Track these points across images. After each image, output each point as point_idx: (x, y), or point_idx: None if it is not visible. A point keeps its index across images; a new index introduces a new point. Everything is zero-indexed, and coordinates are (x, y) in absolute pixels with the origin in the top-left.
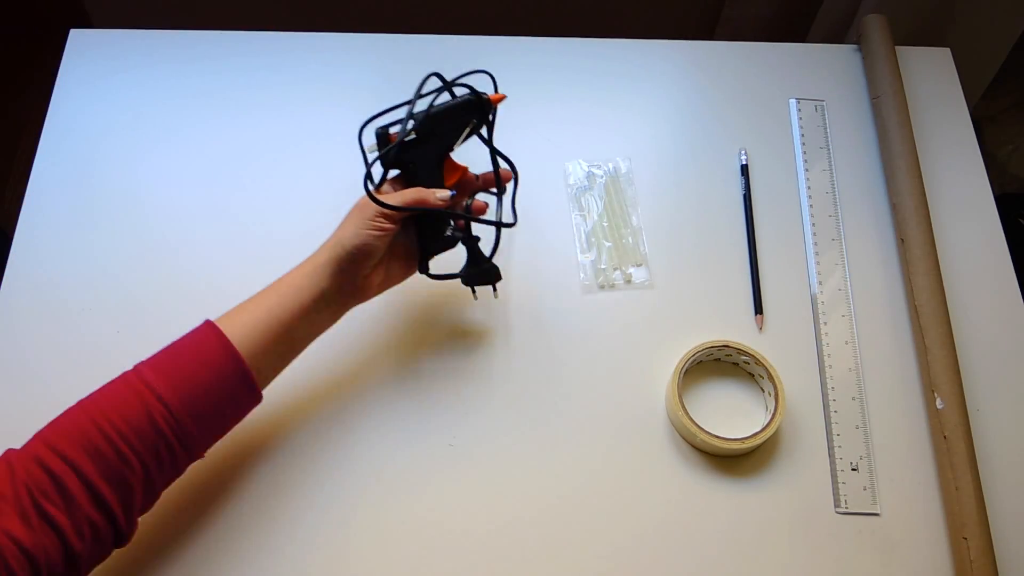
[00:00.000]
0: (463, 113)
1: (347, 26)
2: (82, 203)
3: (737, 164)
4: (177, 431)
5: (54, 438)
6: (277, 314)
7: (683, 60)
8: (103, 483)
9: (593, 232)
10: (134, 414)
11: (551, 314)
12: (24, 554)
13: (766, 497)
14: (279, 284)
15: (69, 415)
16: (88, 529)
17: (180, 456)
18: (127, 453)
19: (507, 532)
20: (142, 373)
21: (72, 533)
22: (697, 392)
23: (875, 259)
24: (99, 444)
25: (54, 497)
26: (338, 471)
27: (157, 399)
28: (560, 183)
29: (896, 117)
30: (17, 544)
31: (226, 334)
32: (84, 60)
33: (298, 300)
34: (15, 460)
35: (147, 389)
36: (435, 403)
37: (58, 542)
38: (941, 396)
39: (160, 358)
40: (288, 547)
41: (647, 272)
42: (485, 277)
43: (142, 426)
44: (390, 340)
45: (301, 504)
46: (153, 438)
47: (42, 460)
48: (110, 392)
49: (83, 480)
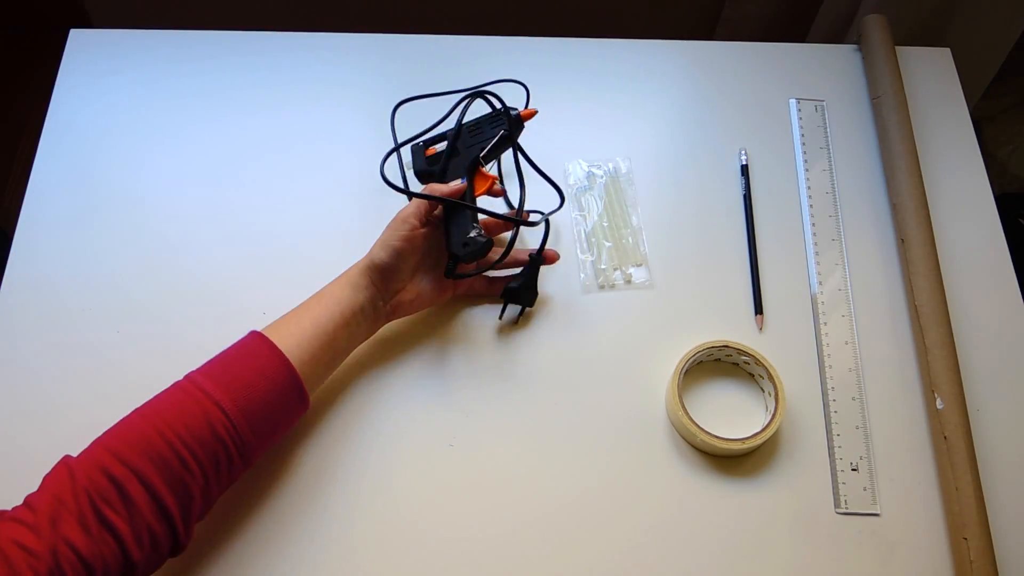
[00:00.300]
0: (492, 126)
1: (347, 26)
2: (82, 203)
3: (737, 164)
4: (236, 439)
5: (116, 445)
6: (323, 324)
7: (683, 60)
8: (166, 490)
9: (593, 232)
10: (195, 422)
11: (551, 314)
12: (81, 562)
13: (766, 497)
14: (321, 296)
15: (129, 423)
16: (148, 537)
17: (237, 464)
18: (189, 461)
19: (507, 532)
20: (198, 382)
21: (132, 541)
22: (697, 392)
23: (875, 259)
24: (162, 451)
25: (116, 504)
26: (338, 472)
27: (217, 407)
28: (560, 183)
29: (896, 117)
30: (75, 551)
31: (276, 343)
32: (84, 60)
33: (339, 311)
34: (76, 467)
35: (206, 398)
36: (435, 403)
37: (118, 550)
38: (941, 396)
39: (213, 368)
40: (288, 548)
41: (647, 272)
42: (523, 299)
43: (204, 434)
44: (390, 341)
45: (300, 504)
46: (214, 446)
47: (105, 466)
48: (168, 401)
49: (146, 487)
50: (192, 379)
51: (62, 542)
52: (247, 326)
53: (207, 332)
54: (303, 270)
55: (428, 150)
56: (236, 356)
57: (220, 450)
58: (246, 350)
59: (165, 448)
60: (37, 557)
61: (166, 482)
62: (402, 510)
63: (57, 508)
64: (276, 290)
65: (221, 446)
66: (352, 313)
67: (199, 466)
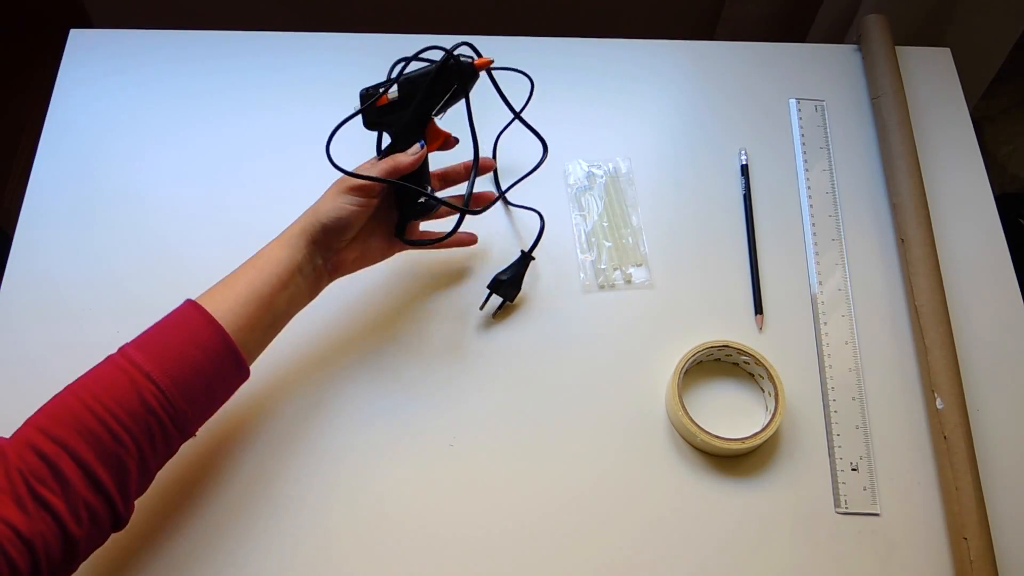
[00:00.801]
0: (445, 77)
1: (347, 26)
2: (82, 203)
3: (737, 164)
4: (169, 409)
5: (45, 422)
6: (257, 288)
7: (683, 60)
8: (98, 464)
9: (593, 232)
10: (124, 394)
11: (551, 314)
12: (22, 540)
13: (766, 497)
14: (256, 259)
15: (58, 400)
16: (85, 512)
17: (173, 435)
18: (120, 433)
19: (507, 532)
20: (128, 354)
21: (69, 517)
22: (697, 392)
23: (875, 259)
24: (92, 425)
25: (49, 481)
26: (337, 472)
27: (146, 378)
28: (560, 183)
29: (896, 117)
30: (14, 530)
31: (209, 311)
32: (84, 60)
33: (276, 272)
34: (6, 447)
35: (135, 369)
36: (435, 404)
37: (56, 527)
38: (941, 396)
39: (145, 339)
40: (286, 548)
41: (647, 272)
42: (507, 292)
43: (133, 406)
44: (389, 341)
45: (300, 504)
46: (145, 417)
47: (35, 444)
48: (98, 375)
49: (78, 462)
50: (123, 352)
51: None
52: None
53: None
54: None
55: (381, 99)
56: (168, 326)
57: (153, 421)
58: (179, 319)
59: (94, 422)
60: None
61: (98, 456)
62: (402, 510)
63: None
64: None
65: (154, 417)
66: (290, 274)
67: (132, 439)
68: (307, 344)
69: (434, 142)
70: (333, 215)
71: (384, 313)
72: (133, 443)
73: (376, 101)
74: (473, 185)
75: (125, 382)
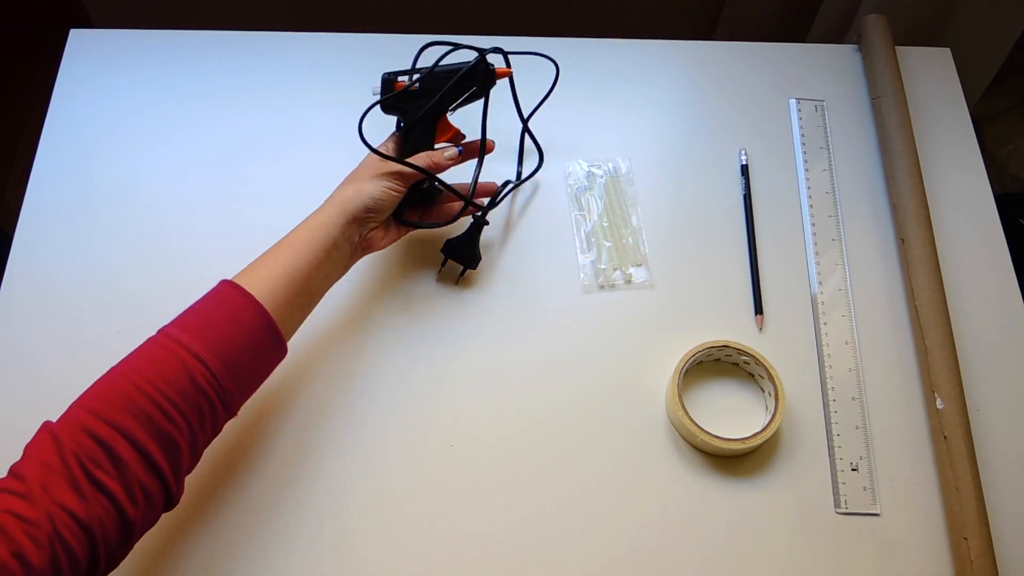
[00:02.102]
0: (467, 78)
1: (347, 26)
2: (82, 202)
3: (737, 164)
4: (217, 389)
5: (97, 405)
6: (295, 266)
7: (683, 60)
8: (152, 445)
9: (593, 232)
10: (175, 375)
11: (551, 314)
12: (79, 526)
13: (766, 497)
14: (292, 239)
15: (107, 382)
16: (141, 493)
17: (220, 414)
18: (172, 413)
19: (506, 532)
20: (174, 335)
21: (126, 499)
22: (697, 392)
23: (875, 259)
24: (144, 406)
25: (105, 464)
26: (336, 472)
27: (195, 358)
28: (560, 183)
29: (896, 117)
30: (72, 516)
31: (249, 290)
32: (84, 60)
33: (312, 252)
34: (58, 431)
35: (183, 349)
36: (436, 403)
37: (112, 510)
38: (941, 396)
39: (188, 320)
40: (284, 547)
41: (647, 272)
42: (464, 259)
43: (184, 386)
44: (387, 341)
45: (299, 502)
46: (195, 397)
47: (88, 428)
48: (145, 356)
49: (132, 443)
50: (168, 333)
51: (57, 507)
52: None
53: None
54: None
55: (397, 83)
56: (210, 307)
57: (203, 401)
58: (219, 300)
59: (147, 403)
60: (34, 525)
61: (152, 437)
62: (400, 509)
63: (46, 474)
64: None
65: (204, 397)
66: (327, 252)
67: (183, 418)
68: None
69: (444, 135)
70: (377, 196)
71: (376, 317)
72: (184, 423)
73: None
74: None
75: (175, 363)
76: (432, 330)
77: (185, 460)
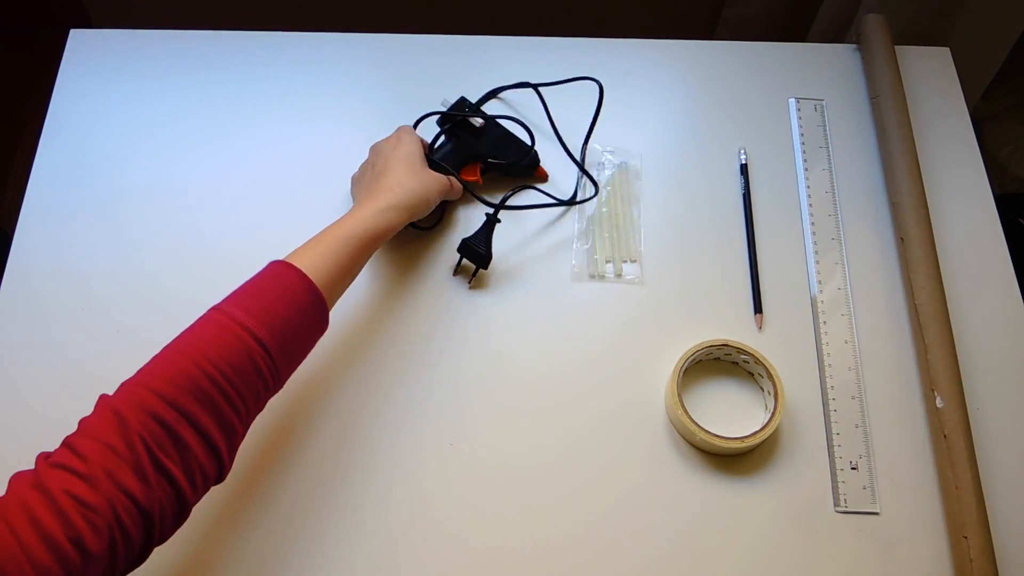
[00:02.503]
0: (514, 148)
1: (347, 26)
2: (82, 202)
3: (737, 163)
4: (273, 372)
5: (162, 387)
6: (347, 255)
7: (683, 60)
8: (215, 429)
9: (592, 221)
10: (238, 359)
11: (551, 312)
12: (139, 511)
13: (766, 496)
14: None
15: (170, 360)
16: (200, 478)
17: (271, 392)
18: (235, 398)
19: (505, 532)
20: (235, 315)
21: (186, 484)
22: (696, 391)
23: (875, 259)
24: (210, 391)
25: (169, 449)
26: (335, 472)
27: (257, 342)
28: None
29: (896, 117)
30: (133, 501)
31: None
32: (84, 60)
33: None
34: (124, 411)
35: (246, 332)
36: (434, 403)
37: (172, 494)
38: (941, 395)
39: (246, 301)
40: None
41: (643, 270)
42: (477, 257)
43: (246, 369)
44: (386, 342)
45: (298, 499)
46: (255, 381)
47: (154, 411)
48: (208, 335)
49: (197, 429)
50: (225, 312)
51: (120, 493)
52: None
53: None
54: None
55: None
56: (266, 287)
57: (260, 385)
58: (276, 280)
59: (211, 387)
60: (95, 511)
61: (215, 421)
62: (400, 509)
63: (110, 457)
64: None
65: (261, 381)
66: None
67: (243, 402)
68: None
69: (468, 175)
70: (435, 199)
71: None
72: (243, 406)
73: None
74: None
75: (238, 345)
76: (425, 326)
77: (240, 439)
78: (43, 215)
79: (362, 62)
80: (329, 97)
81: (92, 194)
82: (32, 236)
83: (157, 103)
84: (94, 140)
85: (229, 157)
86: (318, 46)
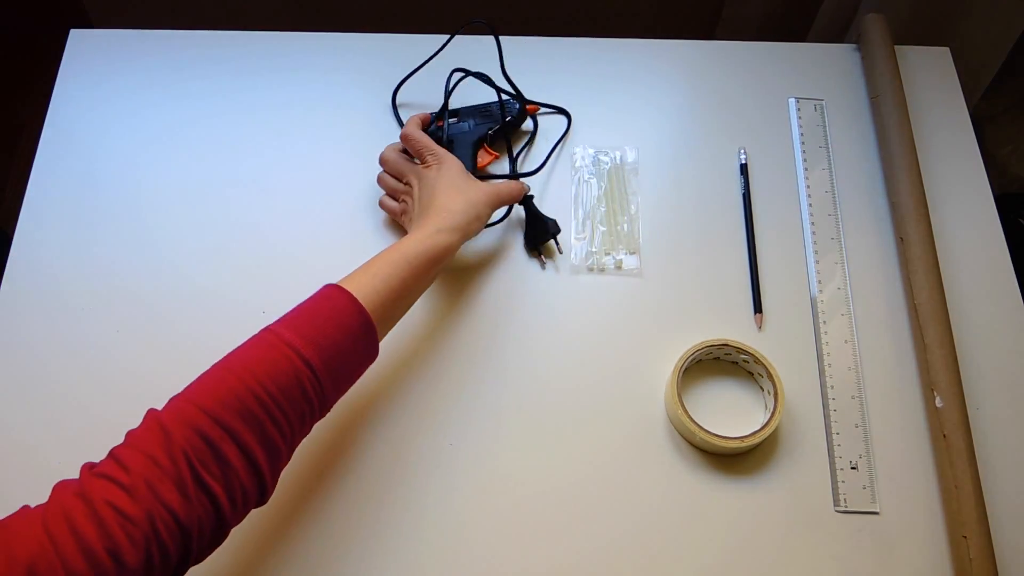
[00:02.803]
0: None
1: (347, 26)
2: (82, 203)
3: (736, 163)
4: (320, 394)
5: (209, 403)
6: (397, 275)
7: (683, 60)
8: (259, 449)
9: (589, 215)
10: (286, 381)
11: (551, 310)
12: (179, 526)
13: (765, 496)
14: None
15: (218, 378)
16: (241, 497)
17: (316, 417)
18: (280, 420)
19: (504, 531)
20: (284, 336)
21: (227, 502)
22: (696, 391)
23: (875, 258)
24: (255, 410)
25: (212, 466)
26: (335, 472)
27: (305, 364)
28: (565, 168)
29: (895, 117)
30: (173, 516)
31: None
32: (84, 60)
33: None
34: (170, 425)
35: (294, 353)
36: (433, 403)
37: (212, 511)
38: (940, 395)
39: (296, 321)
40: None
41: (643, 269)
42: (544, 235)
43: (293, 392)
44: None
45: (297, 499)
46: (301, 404)
47: (199, 427)
48: (257, 355)
49: (241, 448)
50: (277, 333)
51: (160, 506)
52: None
53: (206, 331)
54: (303, 268)
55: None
56: (318, 310)
57: (307, 408)
58: (328, 304)
59: (258, 407)
60: (134, 523)
61: (259, 442)
62: (400, 509)
63: (153, 470)
64: (276, 289)
65: (308, 405)
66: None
67: (288, 424)
68: None
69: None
70: (486, 212)
71: None
72: (289, 428)
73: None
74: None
75: (287, 366)
76: (423, 325)
77: (284, 462)
78: (43, 215)
79: (365, 62)
80: (329, 96)
81: (92, 194)
82: (32, 236)
83: (157, 103)
84: (94, 140)
85: (229, 157)
86: (320, 46)
